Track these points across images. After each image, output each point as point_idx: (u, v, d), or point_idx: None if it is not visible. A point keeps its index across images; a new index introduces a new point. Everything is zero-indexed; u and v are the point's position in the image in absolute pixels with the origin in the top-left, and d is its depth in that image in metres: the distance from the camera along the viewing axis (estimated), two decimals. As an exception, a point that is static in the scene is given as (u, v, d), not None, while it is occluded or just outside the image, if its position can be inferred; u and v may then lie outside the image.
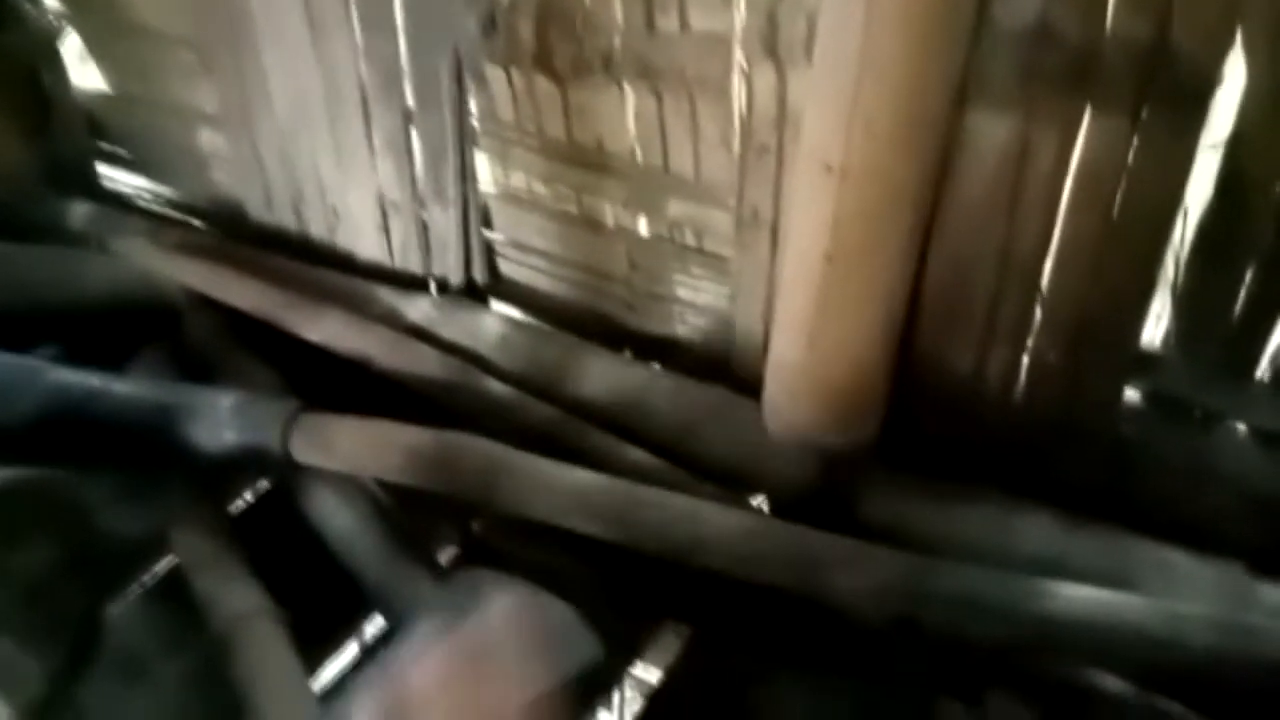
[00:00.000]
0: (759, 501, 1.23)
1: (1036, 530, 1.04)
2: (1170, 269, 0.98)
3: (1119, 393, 1.05)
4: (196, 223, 1.67)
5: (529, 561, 1.17)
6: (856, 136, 0.86)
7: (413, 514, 1.21)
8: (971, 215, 0.99)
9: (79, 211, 1.63)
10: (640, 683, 1.30)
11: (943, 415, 1.12)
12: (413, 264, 1.45)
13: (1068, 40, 0.87)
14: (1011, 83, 0.90)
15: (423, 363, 1.28)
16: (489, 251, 1.41)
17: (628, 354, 1.37)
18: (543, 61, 1.16)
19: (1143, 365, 1.04)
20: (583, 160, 1.24)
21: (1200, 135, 0.87)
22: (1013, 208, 0.98)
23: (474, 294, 1.44)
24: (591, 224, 1.30)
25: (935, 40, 0.82)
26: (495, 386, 1.25)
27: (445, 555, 1.25)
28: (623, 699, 1.35)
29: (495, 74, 1.23)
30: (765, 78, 1.03)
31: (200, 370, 1.36)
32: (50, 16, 1.59)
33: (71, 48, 1.63)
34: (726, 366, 1.28)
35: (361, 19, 1.28)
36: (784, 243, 1.01)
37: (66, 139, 1.68)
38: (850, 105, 0.84)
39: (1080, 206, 0.95)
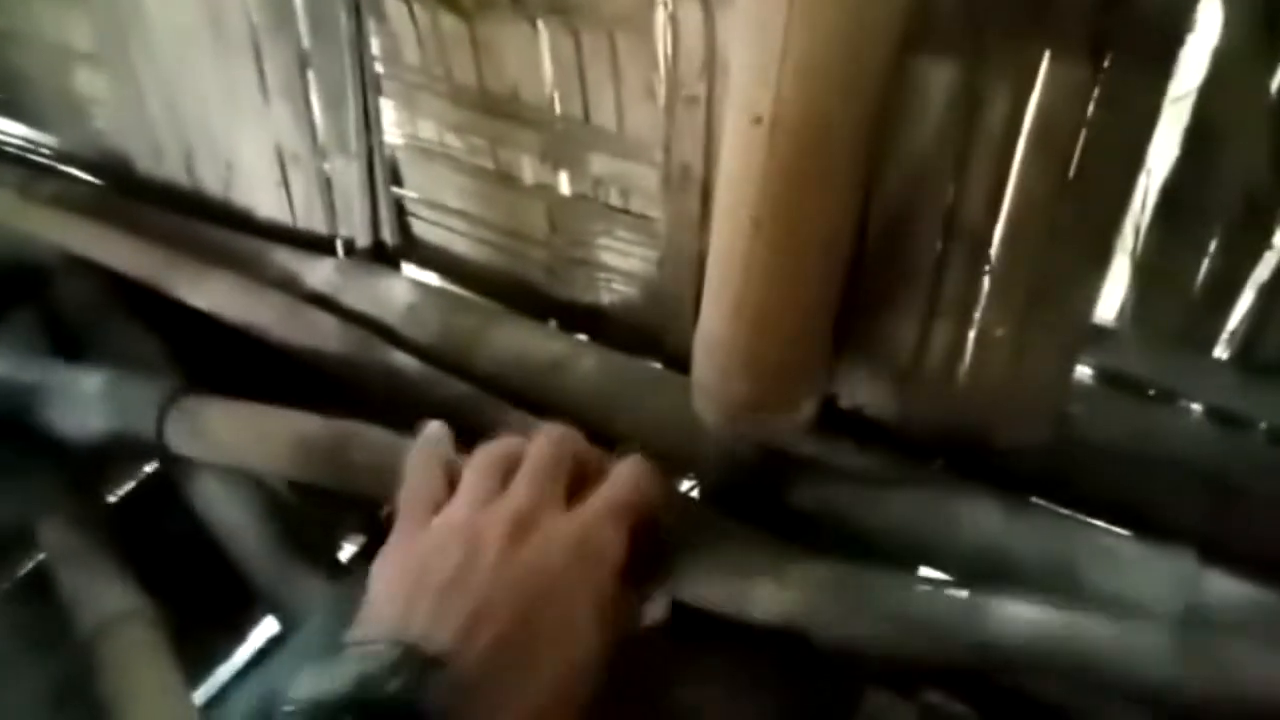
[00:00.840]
0: (688, 485, 1.15)
1: (979, 516, 0.97)
2: (1129, 235, 0.90)
3: (1069, 369, 0.97)
4: (80, 175, 1.53)
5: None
6: (787, 85, 0.76)
7: (313, 502, 1.11)
8: (915, 174, 0.90)
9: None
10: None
11: (883, 393, 1.04)
12: (316, 223, 1.33)
13: (1025, -22, 0.78)
14: (962, 24, 0.81)
15: (321, 333, 1.17)
16: (399, 209, 1.30)
17: (552, 324, 1.27)
18: (448, -5, 1.04)
19: (1095, 339, 0.96)
20: (496, 108, 1.13)
21: (1167, 87, 0.78)
22: (961, 166, 0.89)
23: (383, 256, 1.32)
24: (509, 180, 1.19)
25: (876, -23, 0.71)
26: (402, 359, 1.14)
27: (349, 549, 1.15)
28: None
29: (397, 9, 1.10)
30: (692, 17, 0.92)
31: (74, 341, 1.24)
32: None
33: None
34: (657, 339, 1.19)
35: (248, -54, 1.14)
36: (714, 205, 0.91)
37: (-69, 80, 1.52)
38: (780, 49, 0.74)
39: (1034, 165, 0.86)
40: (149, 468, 1.18)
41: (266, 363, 1.22)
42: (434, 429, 0.85)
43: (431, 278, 1.34)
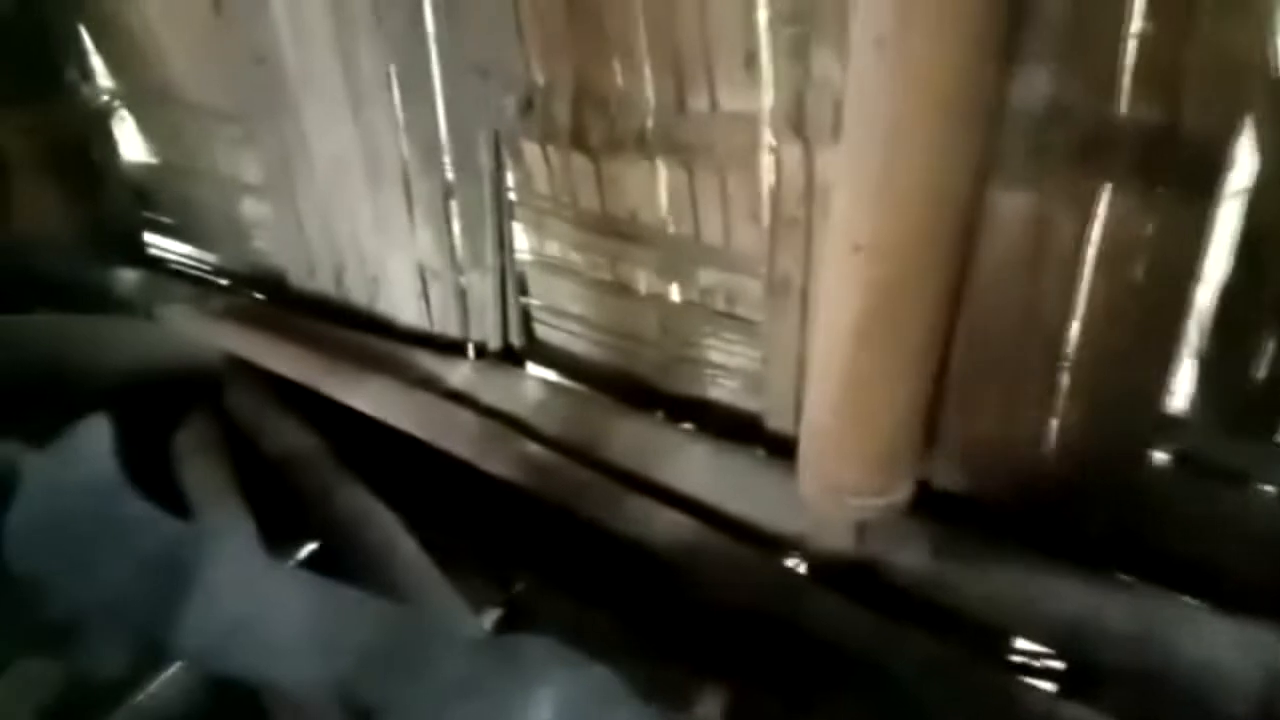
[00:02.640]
0: (795, 564, 1.26)
1: (1068, 591, 1.06)
2: (1193, 334, 1.00)
3: (1145, 454, 1.07)
4: (240, 290, 1.73)
5: (572, 622, 1.21)
6: (885, 217, 0.90)
7: (452, 573, 1.24)
8: (995, 287, 1.02)
9: (126, 279, 1.70)
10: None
11: (973, 477, 1.15)
12: (451, 329, 1.50)
13: (1081, 120, 0.91)
14: (1029, 160, 0.94)
15: (463, 427, 1.32)
16: (525, 316, 1.46)
17: (659, 415, 1.41)
18: (578, 139, 1.21)
19: (1168, 427, 1.06)
20: (616, 230, 1.29)
21: (1214, 211, 0.90)
22: (1035, 279, 1.01)
23: (511, 358, 1.48)
24: (624, 290, 1.35)
25: (960, 123, 0.85)
26: (534, 450, 1.29)
27: (487, 617, 1.28)
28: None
29: (531, 149, 1.28)
30: (793, 155, 1.07)
31: (242, 436, 1.41)
32: (102, 92, 1.65)
33: (121, 122, 1.70)
34: (758, 428, 1.32)
35: (402, 95, 1.33)
36: (814, 316, 1.04)
37: (114, 209, 1.75)
38: (878, 187, 0.88)
39: (1102, 276, 0.98)
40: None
41: (402, 458, 1.38)
42: None
43: (552, 375, 1.49)
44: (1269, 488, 1.06)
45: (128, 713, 1.15)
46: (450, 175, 1.36)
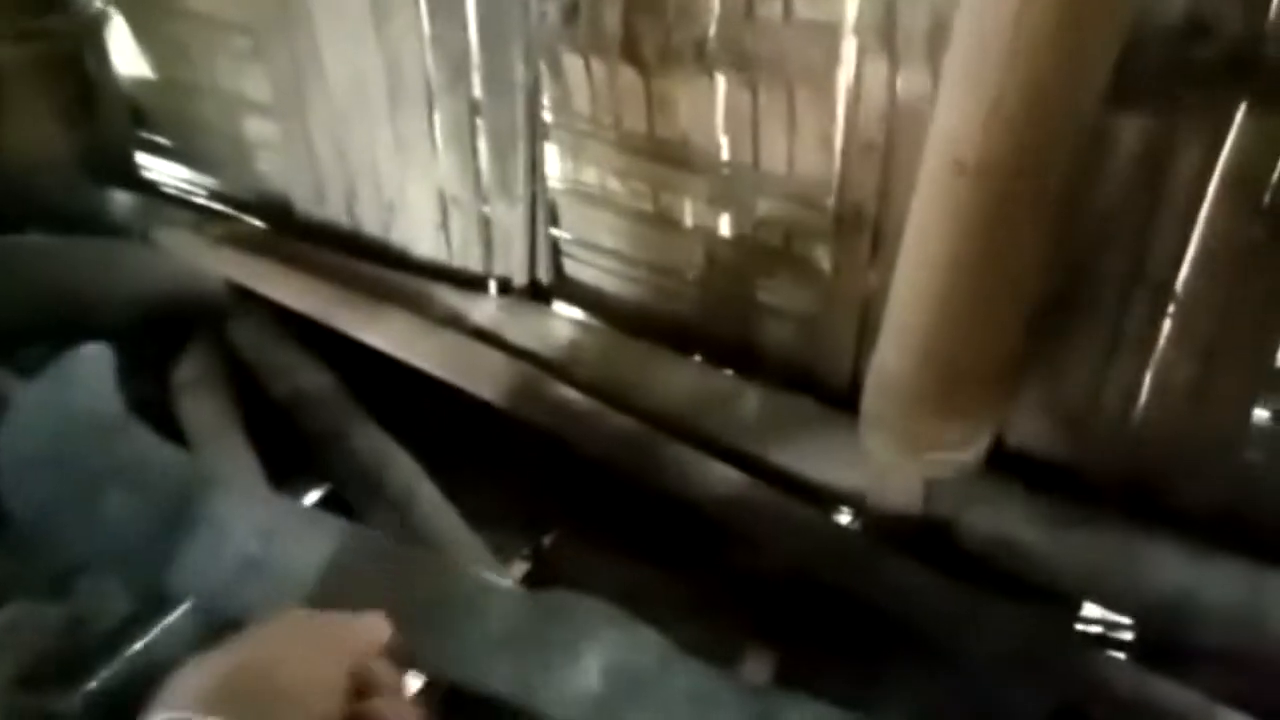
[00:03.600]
0: (851, 520, 1.16)
1: (1163, 559, 0.98)
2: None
3: (1248, 412, 0.97)
4: (241, 216, 1.61)
5: (609, 576, 1.11)
6: (998, 134, 0.78)
7: (476, 522, 1.14)
8: (1104, 219, 0.92)
9: (120, 202, 1.58)
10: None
11: (1054, 435, 1.06)
12: (472, 262, 1.39)
13: (1226, 32, 0.80)
14: (1160, 79, 0.83)
15: (490, 368, 1.21)
16: (555, 250, 1.35)
17: (697, 359, 1.31)
18: (628, 49, 1.09)
19: (1275, 383, 0.97)
20: (663, 155, 1.18)
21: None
22: (1150, 211, 0.91)
23: (537, 294, 1.37)
24: (668, 222, 1.24)
25: (1090, 32, 0.74)
26: (570, 394, 1.18)
27: (514, 569, 1.18)
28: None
29: (573, 62, 1.16)
30: (877, 71, 0.96)
31: (247, 370, 1.30)
32: (96, 1, 1.52)
33: (116, 32, 1.56)
34: (808, 375, 1.22)
35: (429, 4, 1.21)
36: (893, 251, 0.93)
37: (108, 127, 1.62)
38: (993, 99, 0.77)
39: (1223, 211, 0.88)
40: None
41: (421, 397, 1.28)
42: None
43: (581, 314, 1.38)
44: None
45: (127, 660, 1.06)
46: (479, 92, 1.24)
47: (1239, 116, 0.84)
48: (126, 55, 1.59)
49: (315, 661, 0.55)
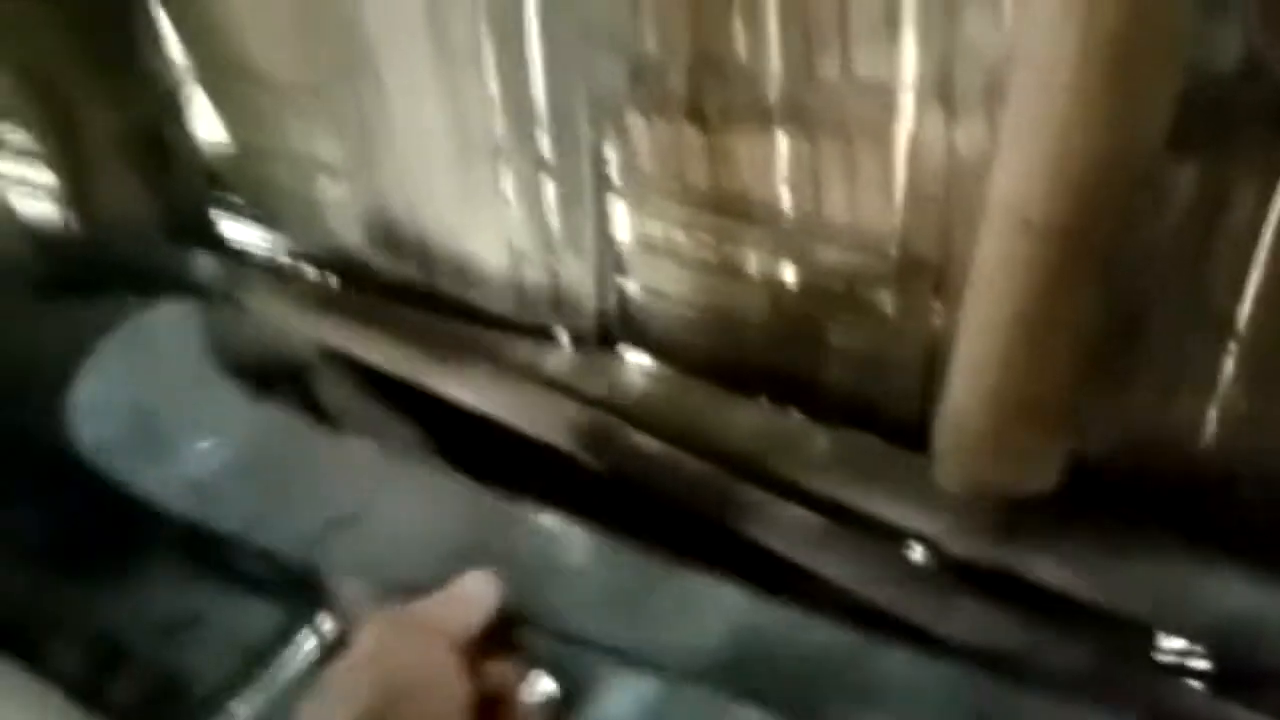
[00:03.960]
0: (923, 556, 1.19)
1: (1226, 586, 0.99)
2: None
3: (1319, 443, 0.99)
4: (316, 274, 1.68)
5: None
6: (1060, 192, 0.82)
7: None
8: (1162, 261, 0.95)
9: (201, 264, 1.65)
10: None
11: (1123, 466, 1.08)
12: (542, 314, 1.44)
13: (1275, 77, 0.83)
14: (1212, 126, 0.86)
15: (567, 418, 1.26)
16: (622, 300, 1.39)
17: (763, 400, 1.34)
18: (692, 109, 1.14)
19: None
20: (726, 207, 1.22)
21: None
22: (1206, 253, 0.93)
23: (606, 343, 1.42)
24: (732, 271, 1.28)
25: (1147, 91, 0.78)
26: (645, 441, 1.22)
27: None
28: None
29: (638, 122, 1.21)
30: (934, 126, 1.00)
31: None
32: (175, 70, 1.60)
33: (194, 100, 1.65)
34: (873, 415, 1.25)
35: (496, 63, 1.26)
36: (959, 299, 0.97)
37: (186, 190, 1.70)
38: (1056, 161, 0.81)
39: (1282, 252, 0.90)
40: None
41: (502, 449, 1.33)
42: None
43: (648, 360, 1.42)
44: None
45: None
46: (546, 150, 1.30)
47: (1293, 163, 0.86)
48: (203, 120, 1.68)
49: (427, 658, 0.54)
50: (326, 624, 1.24)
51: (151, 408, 0.90)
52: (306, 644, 1.22)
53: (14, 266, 1.64)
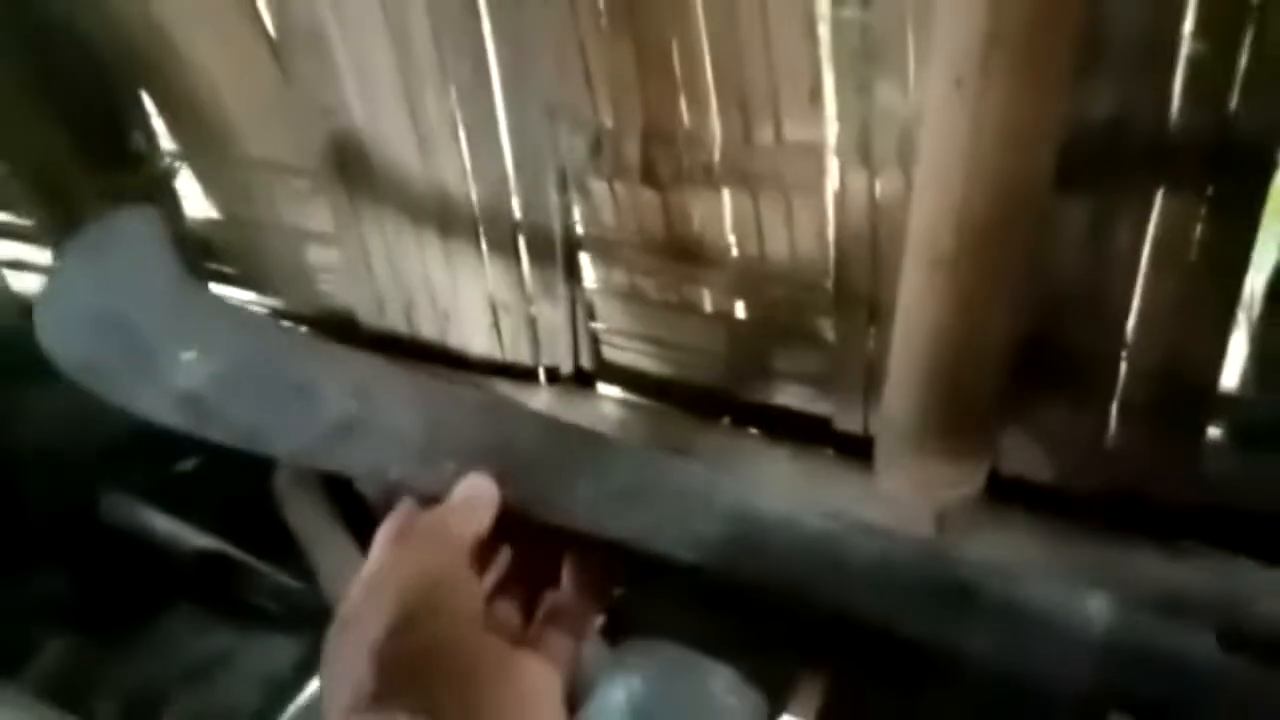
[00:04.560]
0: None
1: (1145, 562, 1.15)
2: (1243, 318, 1.09)
3: (1203, 432, 1.16)
4: (306, 330, 1.80)
5: (675, 625, 1.28)
6: (962, 235, 0.98)
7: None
8: (1058, 283, 1.11)
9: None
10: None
11: (1040, 463, 1.24)
12: (523, 356, 1.58)
13: (1137, 130, 1.00)
14: (1090, 170, 1.02)
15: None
16: (594, 340, 1.54)
17: (726, 421, 1.49)
18: (646, 174, 1.29)
19: (1223, 406, 1.15)
20: (682, 255, 1.37)
21: (1263, 206, 0.99)
22: (1096, 274, 1.10)
23: (582, 379, 1.56)
24: (691, 310, 1.43)
25: (1034, 148, 0.94)
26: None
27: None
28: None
29: (599, 186, 1.35)
30: (857, 179, 1.15)
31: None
32: (166, 155, 1.72)
33: (184, 180, 1.77)
34: (826, 429, 1.40)
35: (469, 141, 1.41)
36: (889, 325, 1.12)
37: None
38: (956, 209, 0.97)
39: (1158, 270, 1.07)
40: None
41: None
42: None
43: (620, 393, 1.57)
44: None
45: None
46: (519, 214, 1.44)
47: (1159, 197, 1.03)
48: (194, 199, 1.80)
49: (443, 565, 0.54)
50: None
51: (129, 321, 0.85)
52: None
53: (20, 342, 1.74)
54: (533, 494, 0.70)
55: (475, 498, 0.59)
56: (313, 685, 1.29)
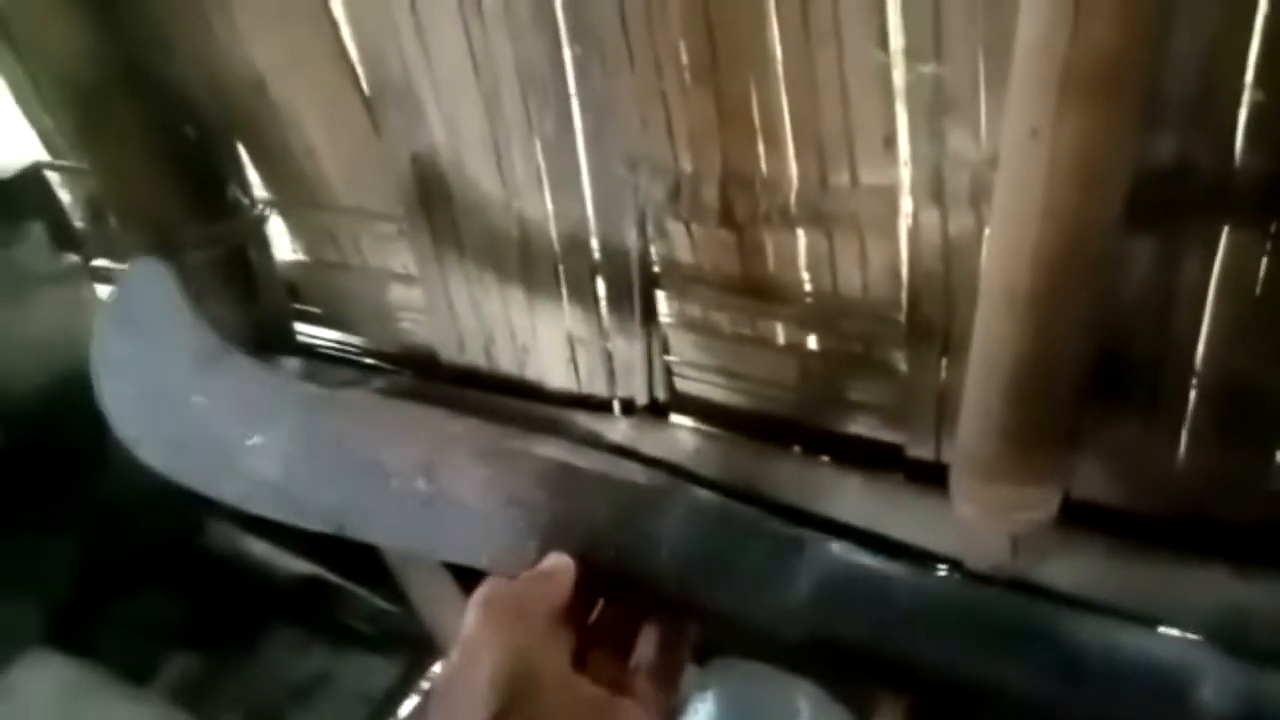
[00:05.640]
0: (946, 574, 1.39)
1: (1217, 582, 1.19)
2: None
3: (1272, 455, 1.20)
4: (388, 368, 1.89)
5: (758, 648, 1.34)
6: (1039, 273, 1.03)
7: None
8: (1130, 315, 1.16)
9: (286, 366, 1.86)
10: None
11: (1112, 487, 1.28)
12: (598, 389, 1.65)
13: (1203, 172, 1.05)
14: (1159, 210, 1.08)
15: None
16: (668, 373, 1.61)
17: (797, 450, 1.55)
18: (724, 217, 1.36)
19: (1289, 429, 1.19)
20: (755, 291, 1.43)
21: (1326, 241, 1.04)
22: (1166, 309, 1.15)
23: (656, 411, 1.63)
24: (763, 343, 1.49)
25: (1107, 192, 0.99)
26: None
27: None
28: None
29: (677, 228, 1.43)
30: (930, 219, 1.21)
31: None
32: (259, 203, 1.82)
33: (275, 226, 1.87)
34: (898, 457, 1.45)
35: (552, 188, 1.49)
36: (972, 353, 1.17)
37: (270, 304, 1.91)
38: (1033, 249, 1.02)
39: (1224, 304, 1.12)
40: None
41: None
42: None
43: (694, 423, 1.63)
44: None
45: None
46: (598, 255, 1.51)
47: (1224, 235, 1.08)
48: (283, 244, 1.90)
49: (533, 636, 0.57)
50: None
51: (194, 415, 0.85)
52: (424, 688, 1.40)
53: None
54: (613, 563, 0.73)
55: (556, 569, 0.64)
56: (407, 705, 1.37)
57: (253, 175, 1.82)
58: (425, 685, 1.41)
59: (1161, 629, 1.28)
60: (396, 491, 0.83)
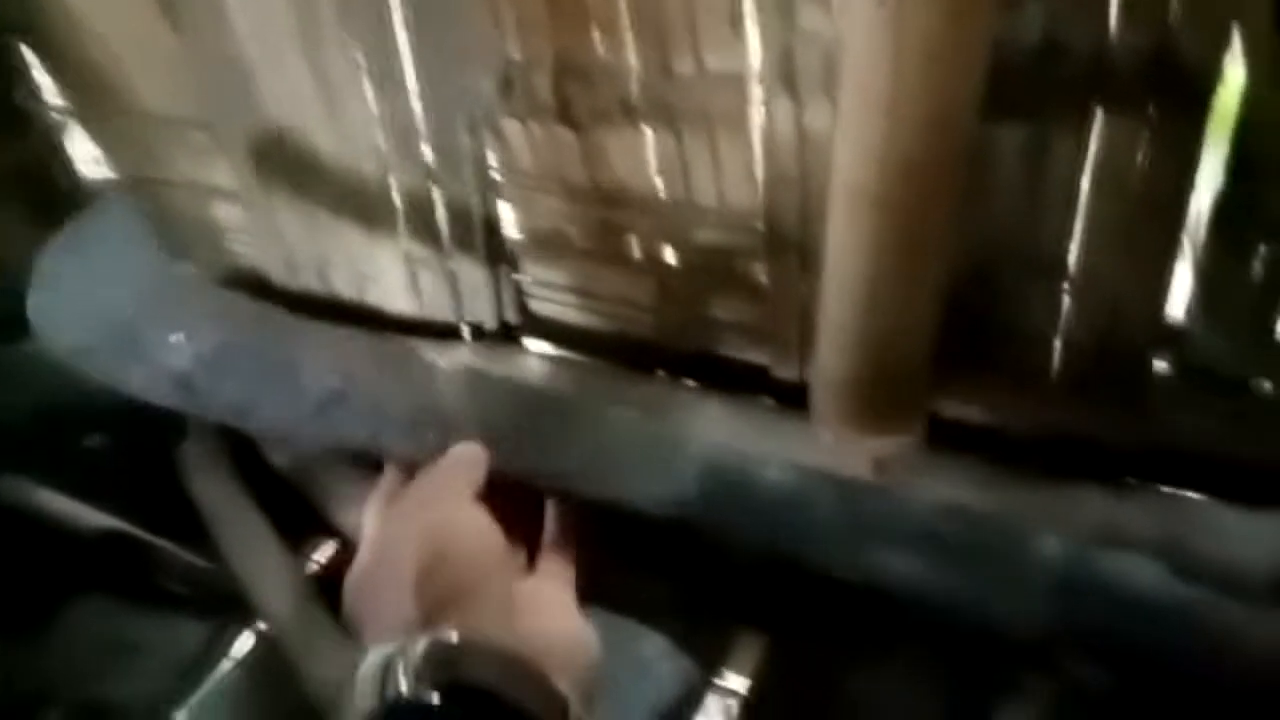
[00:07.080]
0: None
1: (1087, 498, 1.12)
2: (1188, 246, 1.04)
3: (1148, 365, 1.11)
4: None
5: (606, 591, 1.23)
6: (889, 168, 0.91)
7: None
8: (996, 218, 1.05)
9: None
10: (726, 692, 1.36)
11: (982, 406, 1.19)
12: (444, 312, 1.50)
13: (1073, 51, 0.93)
14: (1024, 94, 0.96)
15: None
16: (518, 293, 1.46)
17: (660, 374, 1.43)
18: (561, 112, 1.20)
19: (1168, 338, 1.10)
20: (605, 200, 1.29)
21: (1205, 128, 0.93)
22: (1035, 206, 1.04)
23: (508, 335, 1.48)
24: (618, 258, 1.35)
25: (962, 71, 0.87)
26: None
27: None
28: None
29: (513, 127, 1.27)
30: (784, 111, 1.08)
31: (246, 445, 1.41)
32: (55, 113, 1.61)
33: (77, 138, 1.65)
34: (763, 378, 1.34)
35: (374, 87, 1.31)
36: (820, 268, 1.06)
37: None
38: (881, 141, 0.90)
39: (1099, 199, 1.01)
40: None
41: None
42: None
43: (548, 348, 1.50)
44: (1268, 385, 1.11)
45: None
46: (431, 161, 1.35)
47: (1098, 121, 0.97)
48: (89, 157, 1.68)
49: (453, 515, 0.64)
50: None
51: (117, 306, 0.90)
52: (240, 651, 1.27)
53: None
54: (514, 460, 0.78)
55: (466, 458, 0.70)
56: (223, 667, 1.23)
57: (45, 82, 1.59)
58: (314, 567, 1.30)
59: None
60: (305, 386, 0.82)
